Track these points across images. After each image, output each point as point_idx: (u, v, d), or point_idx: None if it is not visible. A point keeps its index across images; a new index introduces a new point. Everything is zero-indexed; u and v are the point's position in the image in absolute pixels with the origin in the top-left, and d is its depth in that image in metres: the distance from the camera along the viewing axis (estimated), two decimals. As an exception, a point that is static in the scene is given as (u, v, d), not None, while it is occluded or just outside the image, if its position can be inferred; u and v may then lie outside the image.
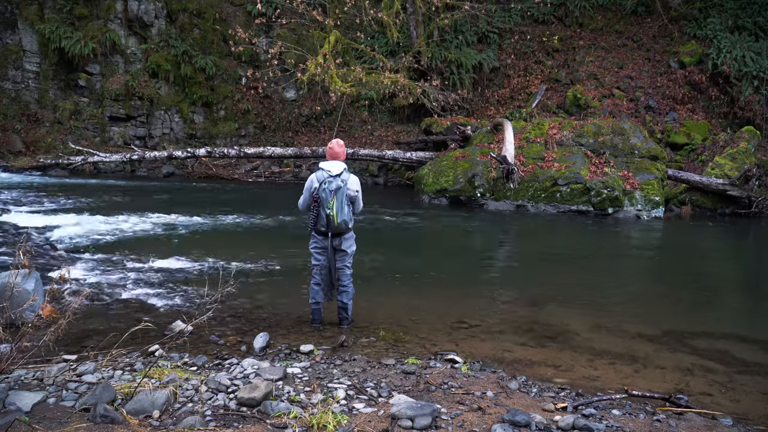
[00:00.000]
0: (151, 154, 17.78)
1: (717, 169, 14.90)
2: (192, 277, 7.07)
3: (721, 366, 4.95)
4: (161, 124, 20.52)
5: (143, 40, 20.59)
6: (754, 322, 6.55)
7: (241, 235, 10.11)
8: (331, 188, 5.11)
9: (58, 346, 4.15)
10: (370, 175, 18.67)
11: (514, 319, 6.02)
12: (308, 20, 19.32)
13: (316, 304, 5.48)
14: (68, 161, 17.68)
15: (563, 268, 8.84)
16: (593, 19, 21.20)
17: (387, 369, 4.38)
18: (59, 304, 5.01)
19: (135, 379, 3.75)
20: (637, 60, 19.84)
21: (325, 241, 5.29)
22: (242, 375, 3.98)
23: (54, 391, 3.51)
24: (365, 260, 7.97)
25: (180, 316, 5.30)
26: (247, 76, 20.50)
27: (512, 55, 20.93)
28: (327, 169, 5.21)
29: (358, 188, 5.35)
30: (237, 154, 17.53)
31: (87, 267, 7.29)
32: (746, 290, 8.38)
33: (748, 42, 18.32)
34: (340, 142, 5.43)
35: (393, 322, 5.68)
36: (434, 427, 3.30)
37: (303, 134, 20.91)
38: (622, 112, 18.03)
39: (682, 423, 3.76)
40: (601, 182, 13.31)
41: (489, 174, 13.94)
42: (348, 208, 5.19)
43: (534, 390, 4.17)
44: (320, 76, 16.90)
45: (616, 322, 5.99)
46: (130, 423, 3.14)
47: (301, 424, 3.24)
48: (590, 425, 3.39)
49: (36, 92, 20.07)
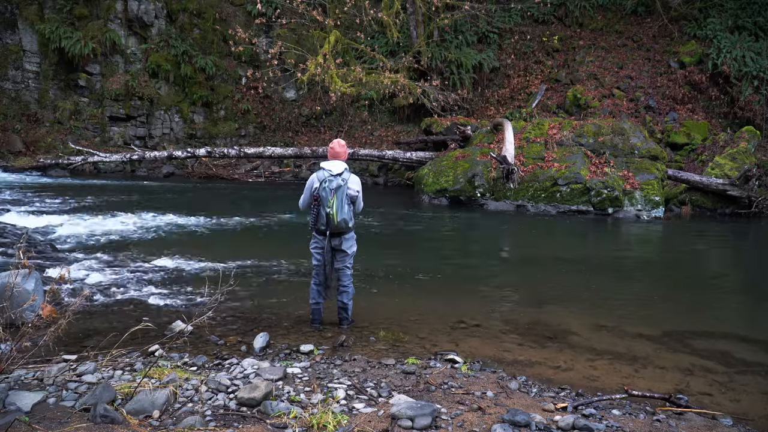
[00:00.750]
0: (151, 154, 17.78)
1: (717, 169, 14.90)
2: (192, 277, 7.07)
3: (721, 366, 4.95)
4: (161, 124, 20.53)
5: (143, 40, 20.59)
6: (754, 322, 6.55)
7: (241, 235, 10.11)
8: (332, 187, 5.11)
9: (58, 346, 4.15)
10: (370, 175, 18.67)
11: (514, 319, 6.02)
12: (308, 20, 19.32)
13: (317, 305, 5.48)
14: (68, 161, 17.69)
15: (563, 268, 8.84)
16: (593, 19, 21.20)
17: (387, 369, 4.38)
18: (59, 304, 5.01)
19: (135, 379, 3.75)
20: (637, 60, 19.84)
21: (325, 241, 5.29)
22: (242, 375, 3.97)
23: (54, 391, 3.51)
24: (365, 260, 7.97)
25: (180, 316, 5.30)
26: (247, 76, 20.51)
27: (512, 55, 20.93)
28: (328, 169, 5.21)
29: (359, 188, 5.35)
30: (237, 154, 17.53)
31: (87, 267, 7.29)
32: (746, 290, 8.37)
33: (748, 42, 18.32)
34: (341, 142, 5.43)
35: (393, 322, 5.68)
36: (434, 427, 3.30)
37: (303, 134, 20.91)
38: (622, 112, 18.02)
39: (682, 423, 3.76)
40: (601, 182, 13.31)
41: (489, 174, 13.94)
42: (348, 207, 5.19)
43: (534, 390, 4.17)
44: (320, 76, 16.90)
45: (616, 322, 5.99)
46: (130, 423, 3.14)
47: (301, 424, 3.24)
48: (590, 425, 3.39)
49: (36, 92, 20.08)
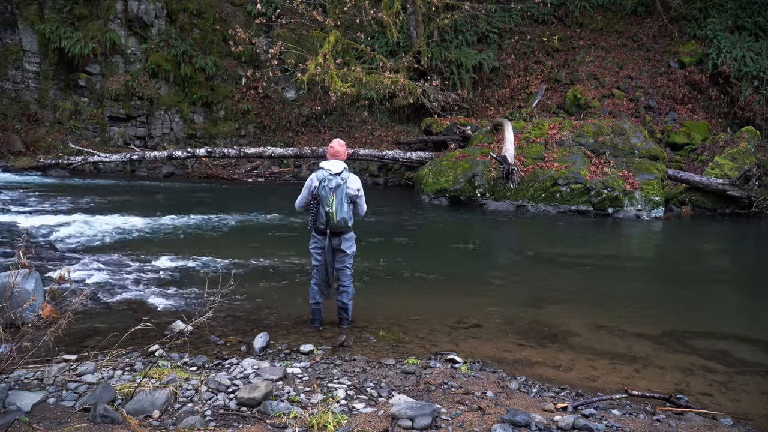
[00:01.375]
0: (151, 154, 17.78)
1: (717, 169, 14.90)
2: (192, 277, 7.07)
3: (721, 366, 4.95)
4: (161, 124, 20.53)
5: (143, 40, 20.59)
6: (754, 322, 6.55)
7: (241, 235, 10.11)
8: (331, 186, 5.11)
9: (58, 346, 4.15)
10: (370, 175, 18.67)
11: (514, 319, 6.02)
12: (308, 20, 19.31)
13: (316, 304, 5.48)
14: (68, 161, 17.69)
15: (563, 268, 8.84)
16: (593, 19, 21.20)
17: (387, 369, 4.38)
18: (59, 304, 5.01)
19: (135, 379, 3.75)
20: (637, 60, 19.84)
21: (324, 241, 5.29)
22: (242, 375, 3.97)
23: (54, 391, 3.51)
24: (366, 260, 7.98)
25: (180, 316, 5.30)
26: (247, 76, 20.50)
27: (512, 55, 20.93)
28: (327, 168, 5.22)
29: (359, 187, 5.33)
30: (237, 154, 17.53)
31: (87, 267, 7.29)
32: (746, 290, 8.37)
33: (748, 42, 18.32)
34: (341, 141, 5.43)
35: (393, 322, 5.68)
36: (434, 427, 3.30)
37: (303, 134, 20.91)
38: (622, 112, 18.02)
39: (682, 423, 3.76)
40: (601, 182, 13.31)
41: (489, 174, 13.94)
42: (348, 207, 5.18)
43: (534, 390, 4.17)
44: (320, 76, 16.90)
45: (616, 322, 5.99)
46: (130, 423, 3.14)
47: (301, 424, 3.24)
48: (590, 425, 3.39)
49: (36, 92, 20.07)
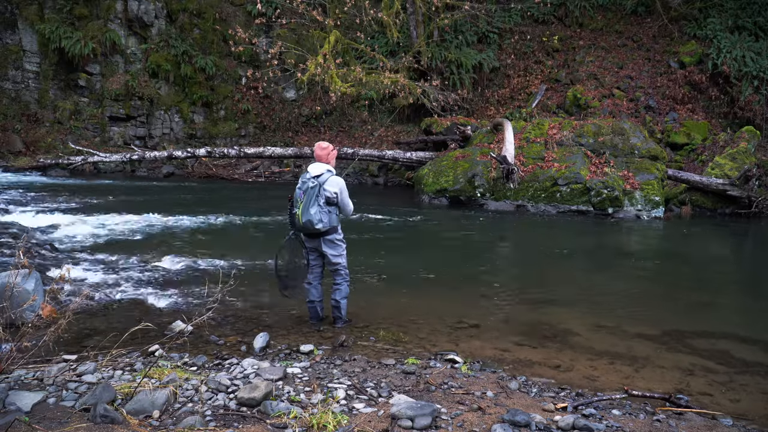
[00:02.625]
0: (151, 154, 17.78)
1: (717, 169, 14.90)
2: (192, 277, 7.07)
3: (721, 366, 4.95)
4: (161, 124, 20.53)
5: (143, 40, 20.59)
6: (754, 322, 6.54)
7: (241, 235, 10.11)
8: (303, 189, 5.15)
9: (58, 346, 4.15)
10: (370, 175, 18.67)
11: (514, 319, 6.02)
12: (308, 20, 19.31)
13: (311, 303, 5.52)
14: (68, 161, 17.69)
15: (563, 268, 8.84)
16: (593, 19, 21.20)
17: (387, 369, 4.38)
18: (59, 304, 5.01)
19: (135, 379, 3.74)
20: (637, 60, 19.84)
21: (308, 242, 5.34)
22: (242, 375, 3.97)
23: (54, 391, 3.51)
24: (366, 260, 7.98)
25: (180, 316, 5.29)
26: (247, 76, 20.51)
27: (512, 55, 20.93)
28: (309, 171, 5.25)
29: (338, 189, 5.22)
30: (237, 154, 17.53)
31: (87, 267, 7.29)
32: (746, 290, 8.37)
33: (748, 42, 18.32)
34: (323, 144, 5.39)
35: (393, 322, 5.68)
36: (434, 427, 3.30)
37: (303, 134, 20.91)
38: (622, 112, 18.02)
39: (682, 423, 3.76)
40: (601, 182, 13.31)
41: (489, 174, 13.94)
42: (318, 209, 5.10)
43: (534, 390, 4.16)
44: (320, 76, 16.90)
45: (616, 322, 5.99)
46: (130, 423, 3.14)
47: (301, 424, 3.24)
48: (590, 425, 3.39)
49: (36, 92, 20.08)
